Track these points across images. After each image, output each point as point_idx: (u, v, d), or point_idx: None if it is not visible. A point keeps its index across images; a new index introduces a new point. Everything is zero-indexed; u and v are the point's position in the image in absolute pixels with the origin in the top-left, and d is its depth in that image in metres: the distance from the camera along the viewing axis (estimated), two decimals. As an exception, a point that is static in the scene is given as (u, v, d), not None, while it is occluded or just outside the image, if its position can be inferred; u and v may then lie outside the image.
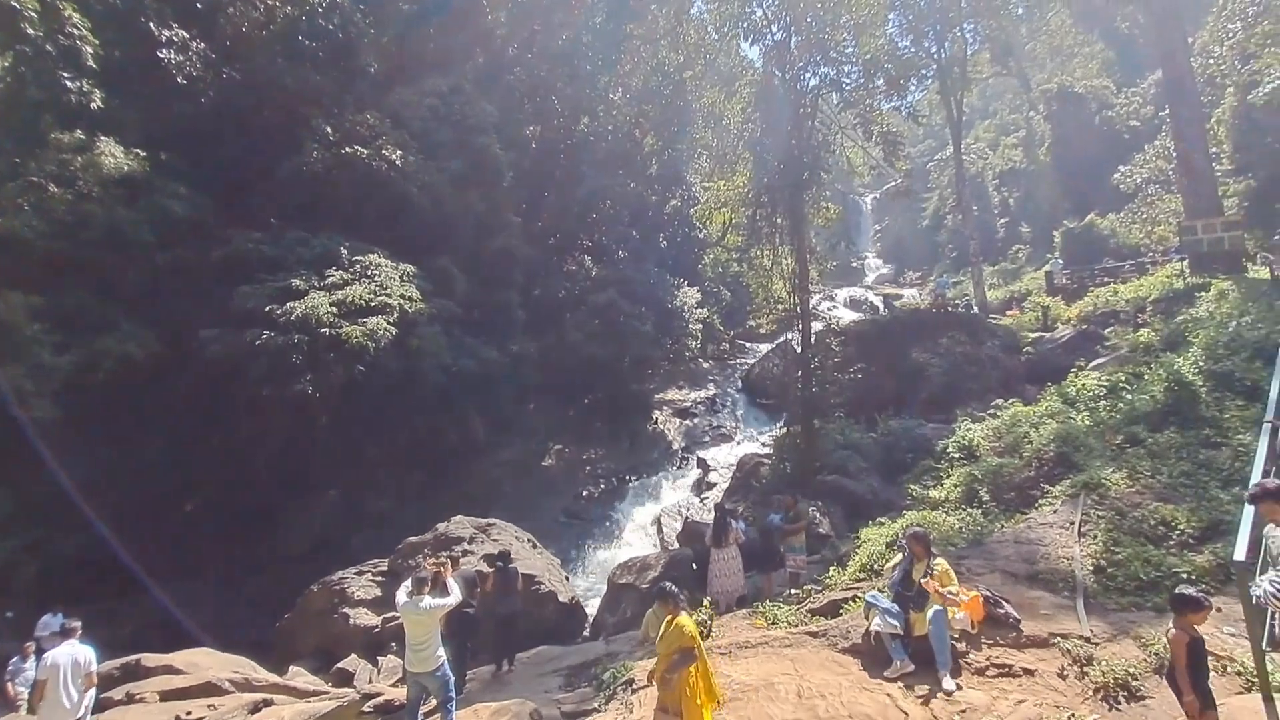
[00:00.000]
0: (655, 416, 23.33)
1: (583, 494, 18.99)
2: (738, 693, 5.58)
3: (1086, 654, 5.31)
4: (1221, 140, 24.52)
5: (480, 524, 12.53)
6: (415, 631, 6.06)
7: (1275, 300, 12.14)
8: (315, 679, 10.56)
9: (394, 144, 19.69)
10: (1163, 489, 7.36)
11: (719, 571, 9.31)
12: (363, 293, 16.74)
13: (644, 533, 16.30)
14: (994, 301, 28.31)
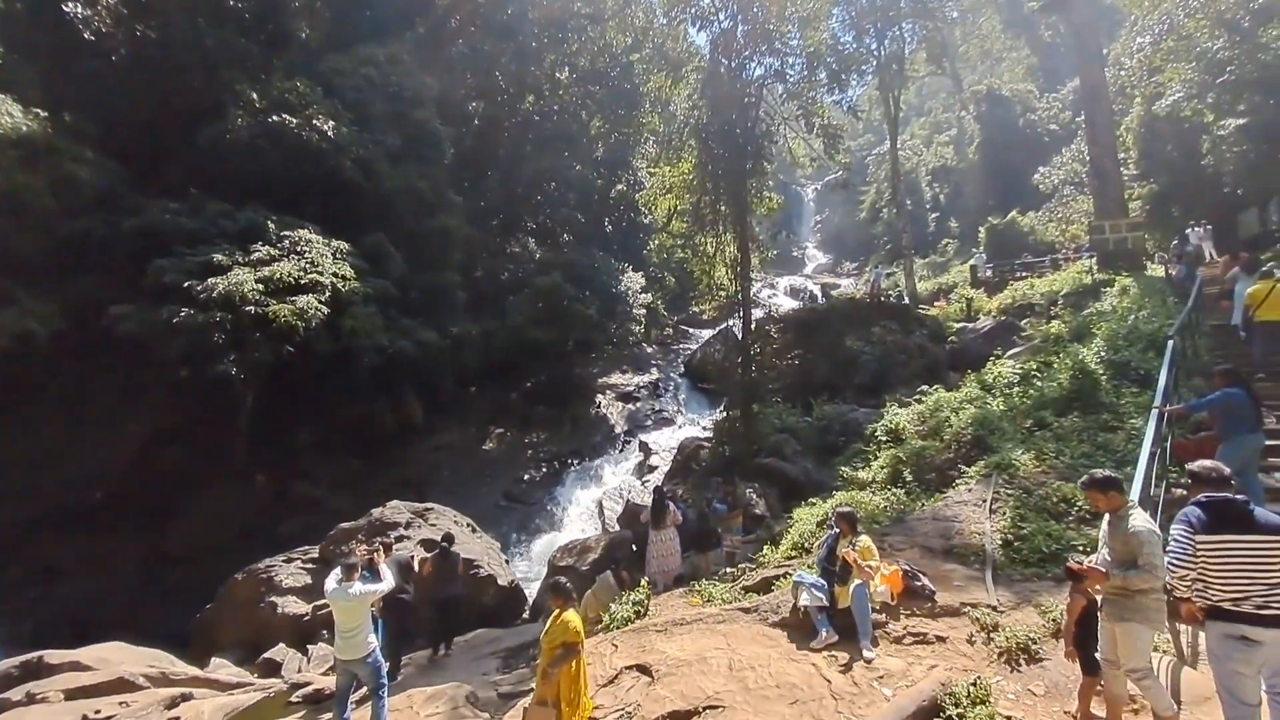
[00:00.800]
0: (598, 400, 23.37)
1: (524, 478, 18.88)
2: (672, 668, 5.74)
3: (993, 621, 5.70)
4: (1129, 147, 26.33)
5: (417, 509, 12.30)
6: (345, 618, 5.94)
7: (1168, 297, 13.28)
8: (240, 670, 10.17)
9: (326, 114, 18.75)
10: (1065, 469, 7.96)
11: (657, 552, 9.50)
12: (292, 270, 15.97)
13: (586, 516, 16.39)
14: (924, 293, 29.66)
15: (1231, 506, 3.44)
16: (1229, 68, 20.58)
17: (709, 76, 20.49)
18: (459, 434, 20.58)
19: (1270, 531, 3.32)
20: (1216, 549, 3.38)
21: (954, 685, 4.76)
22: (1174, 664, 4.70)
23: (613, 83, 30.59)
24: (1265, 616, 3.26)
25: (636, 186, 30.97)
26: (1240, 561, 3.33)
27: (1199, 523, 3.47)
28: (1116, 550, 3.95)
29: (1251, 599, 3.29)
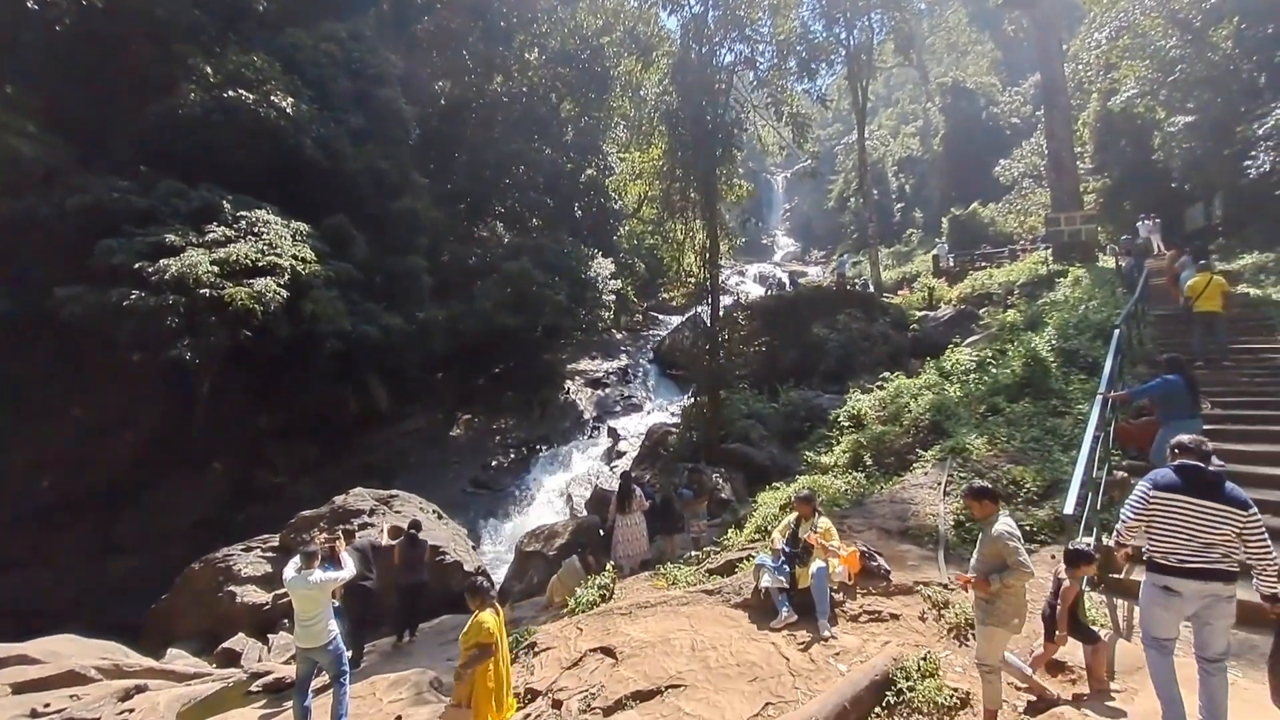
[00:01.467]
0: (567, 386, 23.32)
1: (492, 464, 18.79)
2: (636, 649, 5.84)
3: (944, 599, 5.92)
4: (1085, 141, 27.14)
5: (381, 496, 12.16)
6: (304, 606, 5.89)
7: (1117, 287, 13.83)
8: (198, 661, 9.98)
9: (285, 91, 18.10)
10: (1015, 452, 8.29)
11: (623, 537, 9.60)
12: (249, 251, 15.47)
13: (554, 501, 16.41)
14: (888, 281, 30.23)
15: (1201, 474, 3.72)
16: (1180, 66, 21.30)
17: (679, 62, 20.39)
18: (426, 420, 20.34)
19: (1229, 503, 3.58)
20: (1168, 505, 3.71)
21: (905, 660, 4.95)
22: (1110, 636, 4.96)
23: (583, 65, 30.15)
24: (1187, 569, 3.62)
25: (607, 172, 30.73)
26: (1184, 521, 3.65)
27: (1163, 481, 3.79)
28: (985, 557, 4.16)
29: (1180, 554, 3.64)
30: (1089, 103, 27.39)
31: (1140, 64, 22.76)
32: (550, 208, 28.47)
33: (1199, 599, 3.62)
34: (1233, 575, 3.61)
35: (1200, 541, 3.59)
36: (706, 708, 4.90)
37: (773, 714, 4.76)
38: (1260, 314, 11.84)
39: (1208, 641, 3.67)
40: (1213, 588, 3.59)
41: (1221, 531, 3.57)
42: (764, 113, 23.01)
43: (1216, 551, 3.59)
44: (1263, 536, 3.54)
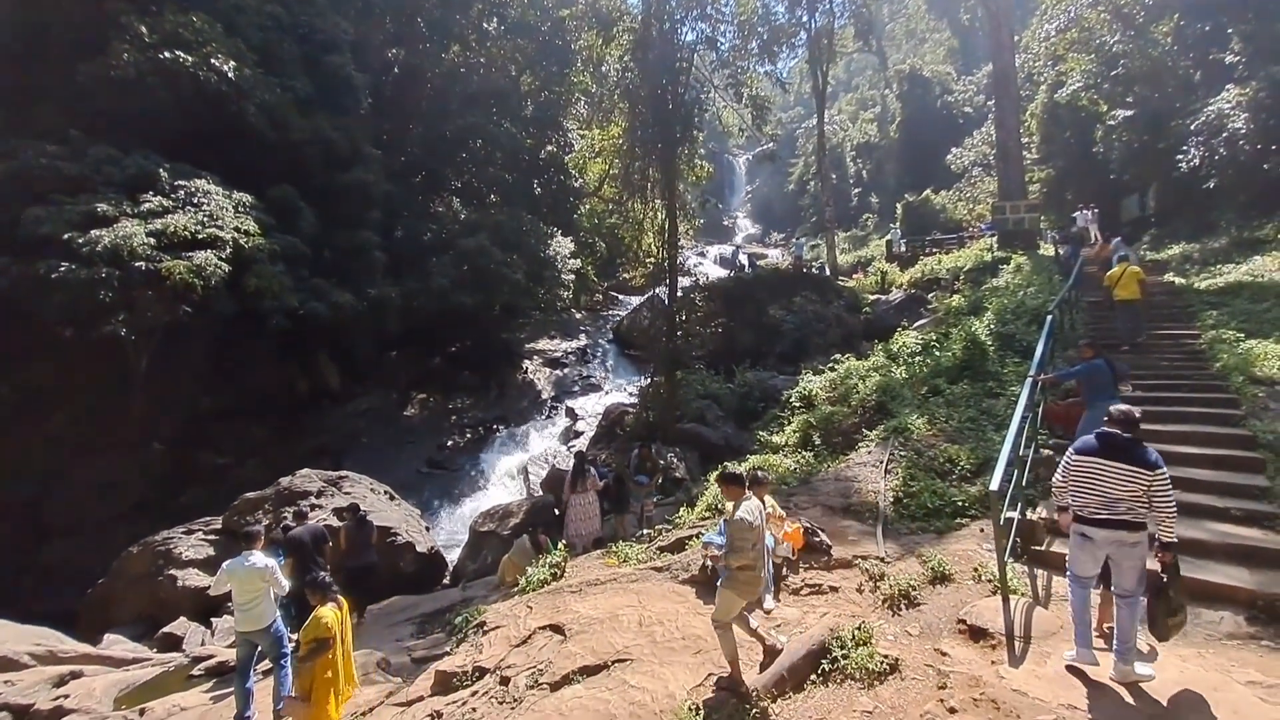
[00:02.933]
0: (525, 366, 23.15)
1: (447, 444, 18.58)
2: (584, 626, 5.93)
3: (880, 571, 6.18)
4: (1033, 132, 28.05)
5: (330, 477, 11.93)
6: (243, 588, 5.83)
7: (1054, 275, 14.45)
8: (137, 646, 9.68)
9: (226, 54, 17.16)
10: (952, 432, 8.65)
11: (576, 515, 9.68)
12: (188, 223, 14.76)
13: (510, 481, 16.38)
14: (844, 265, 30.84)
15: (1115, 439, 4.31)
16: (1122, 61, 22.18)
17: (641, 39, 20.14)
18: (379, 400, 19.94)
19: (1138, 464, 4.15)
20: (1085, 467, 4.34)
21: (841, 630, 5.17)
22: (1029, 604, 5.28)
23: (544, 38, 29.46)
24: (1097, 520, 4.26)
25: (567, 148, 30.26)
26: (1097, 480, 4.27)
27: (1085, 446, 4.42)
28: (729, 535, 4.66)
29: (1092, 507, 4.28)
30: (1037, 94, 28.27)
31: (1085, 58, 23.59)
32: (509, 184, 27.91)
33: (1108, 544, 4.24)
34: (1137, 525, 4.18)
35: (1109, 497, 4.20)
36: (651, 680, 5.03)
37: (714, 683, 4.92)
38: (1182, 301, 12.59)
39: (1120, 580, 4.30)
40: (1119, 535, 4.19)
41: (1129, 489, 4.14)
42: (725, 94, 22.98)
43: (1123, 505, 4.17)
44: (1168, 494, 4.10)
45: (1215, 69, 19.25)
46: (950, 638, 5.03)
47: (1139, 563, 4.24)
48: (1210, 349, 9.87)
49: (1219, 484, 6.46)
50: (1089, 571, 4.44)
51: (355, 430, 18.70)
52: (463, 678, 5.73)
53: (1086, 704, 4.03)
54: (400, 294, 20.41)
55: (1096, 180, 24.32)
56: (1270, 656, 4.67)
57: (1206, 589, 5.30)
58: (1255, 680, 4.32)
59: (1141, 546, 4.23)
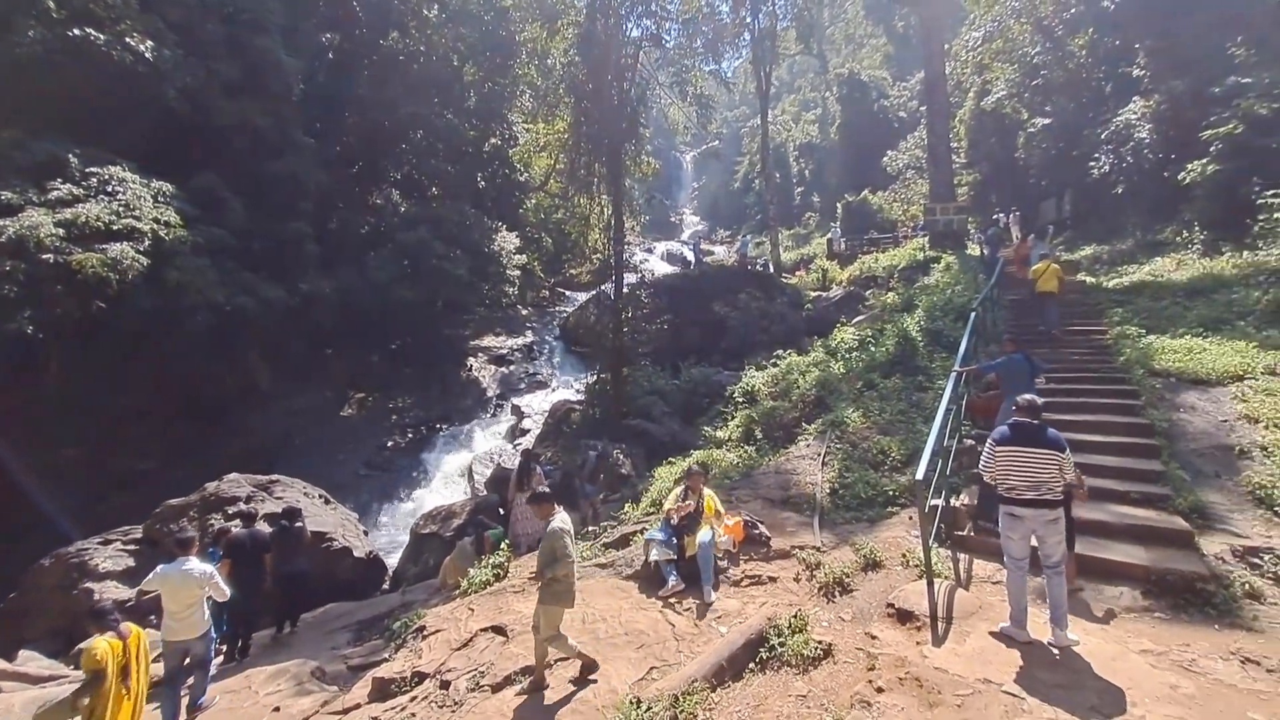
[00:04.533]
0: (469, 363, 22.70)
1: (387, 444, 18.03)
2: (527, 626, 5.88)
3: (816, 561, 6.40)
4: (961, 137, 29.41)
5: (260, 481, 11.39)
6: (178, 596, 5.69)
7: (979, 274, 15.24)
8: (53, 663, 9.03)
9: (143, 32, 16.06)
10: (885, 425, 9.02)
11: (521, 515, 9.55)
12: (101, 213, 13.82)
13: (454, 481, 16.05)
14: (788, 262, 31.57)
15: (1026, 428, 4.84)
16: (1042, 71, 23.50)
17: (586, 33, 20.00)
18: (313, 399, 19.15)
19: (1044, 446, 4.69)
20: (1007, 455, 4.79)
21: (778, 618, 5.33)
22: (951, 586, 5.58)
23: (487, 27, 28.84)
24: (1023, 500, 4.71)
25: (512, 142, 29.75)
26: (1018, 464, 4.73)
27: (1001, 436, 4.89)
28: (544, 550, 4.91)
29: (1019, 489, 4.72)
30: (965, 101, 29.64)
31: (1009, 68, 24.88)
32: (451, 176, 27.24)
33: (1034, 521, 4.70)
34: (1056, 503, 4.67)
35: (1030, 479, 4.68)
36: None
37: (656, 677, 4.99)
38: (1092, 299, 13.49)
39: (1047, 554, 4.75)
40: (1042, 513, 4.67)
41: (1045, 469, 4.65)
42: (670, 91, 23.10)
43: (1043, 485, 4.66)
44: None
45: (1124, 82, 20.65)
46: (880, 621, 5.26)
47: (1061, 536, 4.75)
48: (1116, 344, 10.63)
49: (1120, 469, 6.97)
50: (1022, 552, 4.82)
51: (288, 431, 17.91)
52: (402, 683, 5.62)
53: (1001, 677, 4.30)
54: (335, 289, 19.65)
55: (1018, 184, 25.74)
56: (1161, 627, 5.10)
57: (1108, 567, 5.73)
58: (1148, 649, 4.71)
59: (1060, 521, 4.72)
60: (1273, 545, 5.76)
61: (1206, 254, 14.42)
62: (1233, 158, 14.14)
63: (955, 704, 4.02)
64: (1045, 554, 4.76)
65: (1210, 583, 5.35)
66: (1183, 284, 13.06)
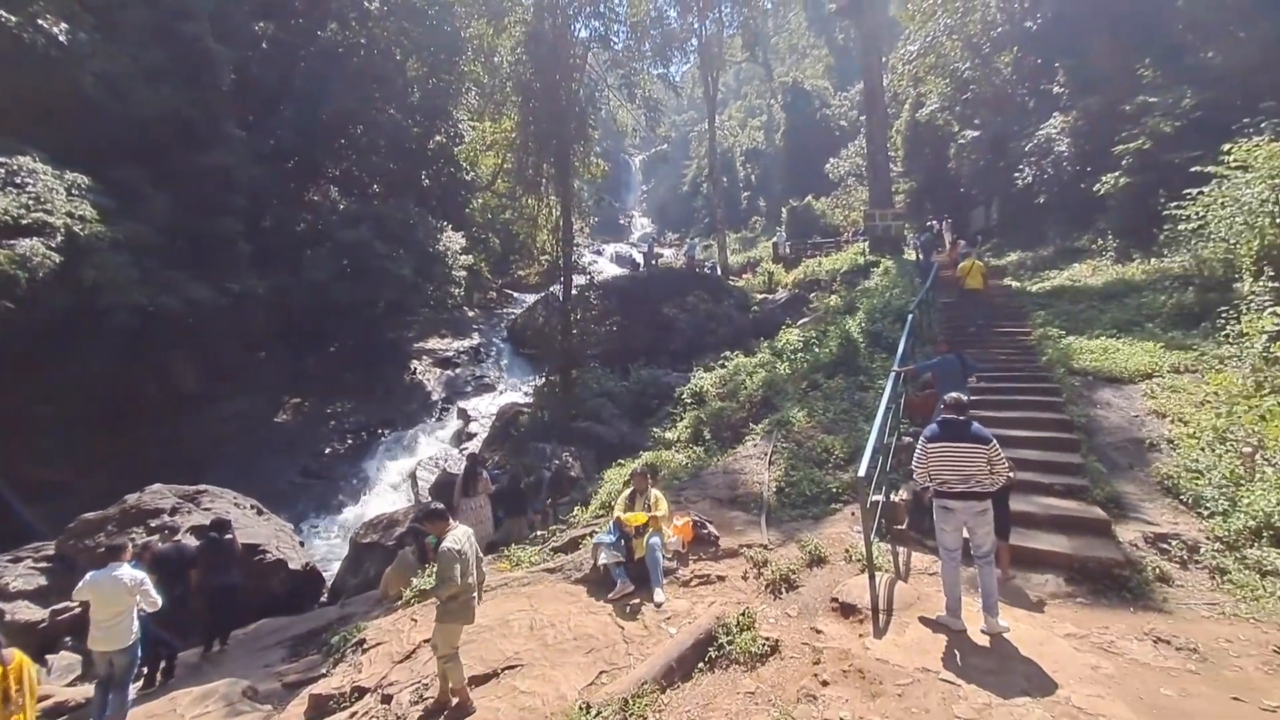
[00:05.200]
0: (413, 366, 22.09)
1: (325, 451, 17.32)
2: (472, 634, 5.74)
3: (763, 558, 6.49)
4: (898, 146, 30.58)
5: (186, 492, 10.76)
6: (107, 603, 5.47)
7: (915, 278, 15.87)
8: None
9: (58, 14, 14.94)
10: (829, 424, 9.26)
11: (467, 520, 9.32)
12: (8, 206, 12.83)
13: (396, 488, 15.57)
14: (734, 265, 32.07)
15: (954, 424, 5.05)
16: (971, 86, 24.66)
17: (534, 32, 19.83)
18: (245, 405, 18.21)
19: (971, 441, 4.92)
20: (938, 450, 5.00)
21: (727, 617, 5.39)
22: (891, 579, 5.76)
23: (431, 22, 28.12)
24: (955, 493, 4.90)
25: (457, 140, 29.12)
26: (948, 459, 4.94)
27: (932, 434, 5.10)
28: (438, 568, 4.78)
29: (949, 482, 4.92)
30: (902, 112, 30.85)
31: (941, 81, 26.02)
32: (394, 174, 26.44)
33: (964, 513, 4.89)
34: (985, 495, 4.86)
35: (961, 473, 4.89)
36: (542, 683, 4.98)
37: (606, 681, 4.95)
38: (1018, 302, 14.25)
39: (978, 543, 4.94)
40: (971, 505, 4.86)
41: (974, 463, 4.87)
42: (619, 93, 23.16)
43: (973, 478, 4.86)
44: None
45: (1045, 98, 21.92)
46: (824, 616, 5.37)
47: (989, 527, 4.95)
48: (1039, 345, 11.26)
49: (1044, 462, 7.38)
50: (955, 543, 5.02)
51: (217, 439, 16.97)
52: (340, 699, 5.40)
53: (938, 665, 4.46)
54: (269, 289, 18.77)
55: (951, 193, 26.96)
56: (1083, 611, 5.41)
57: (1035, 555, 6.05)
58: (1072, 633, 4.98)
59: (989, 513, 4.92)
60: (1179, 532, 6.21)
61: (1119, 260, 15.44)
62: (1141, 171, 15.20)
63: (896, 694, 4.14)
64: (975, 544, 4.96)
65: (1126, 568, 5.72)
66: (1098, 289, 13.96)
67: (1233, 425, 7.25)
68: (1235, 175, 10.27)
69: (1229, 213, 10.24)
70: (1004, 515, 5.88)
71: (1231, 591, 5.50)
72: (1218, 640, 4.84)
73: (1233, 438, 7.09)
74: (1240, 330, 8.46)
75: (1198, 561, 5.88)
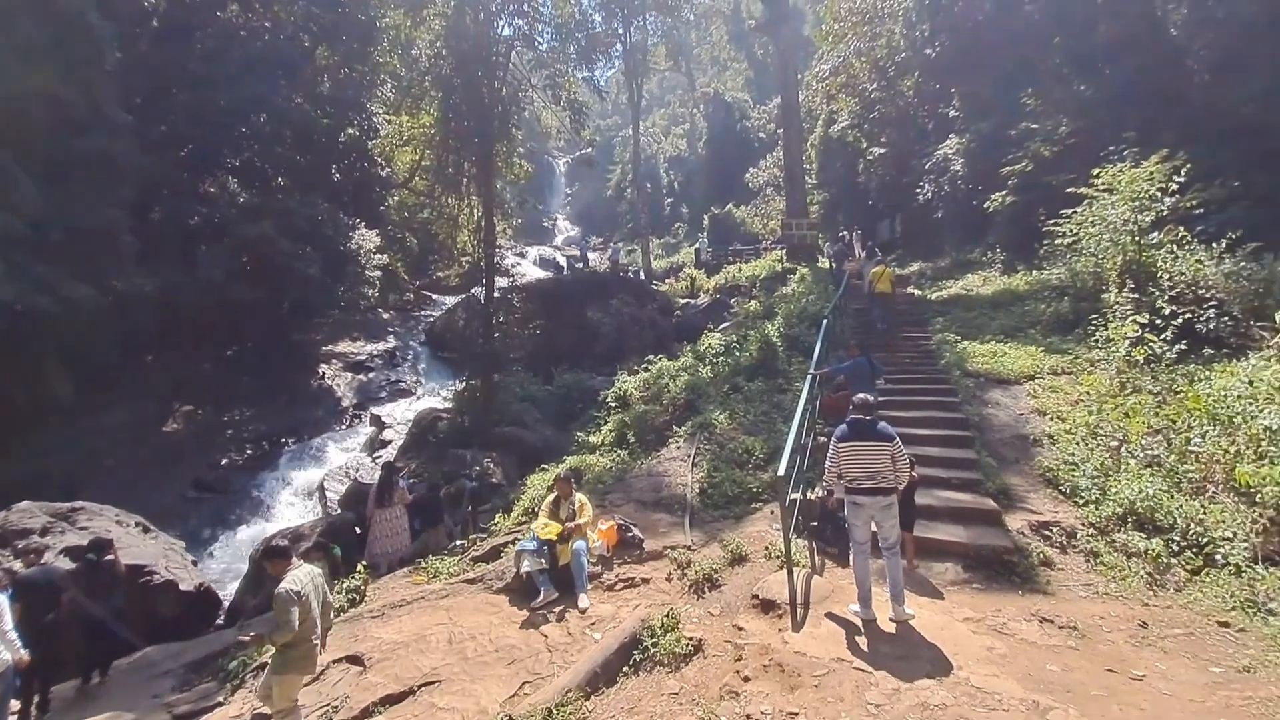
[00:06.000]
0: (322, 371, 20.87)
1: (221, 462, 16.04)
2: (387, 652, 5.51)
3: (687, 559, 6.60)
4: (812, 160, 32.01)
5: (59, 510, 9.67)
6: None
7: (829, 285, 16.65)
8: None
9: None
10: (749, 425, 9.54)
11: (382, 533, 8.95)
12: None
13: (303, 501, 14.64)
14: (658, 270, 32.49)
15: (862, 424, 5.33)
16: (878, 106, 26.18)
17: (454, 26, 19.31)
18: (129, 413, 16.56)
19: (876, 439, 5.21)
20: (849, 450, 5.26)
21: (651, 619, 5.42)
22: (808, 574, 5.99)
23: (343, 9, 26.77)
24: (863, 489, 5.16)
25: (372, 133, 27.80)
26: (857, 457, 5.21)
27: (842, 434, 5.36)
28: (274, 612, 4.30)
29: (859, 479, 5.18)
30: (816, 127, 32.33)
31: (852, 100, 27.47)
32: (301, 166, 24.89)
33: (872, 508, 5.17)
34: (890, 490, 5.17)
35: (869, 470, 5.17)
36: (462, 699, 4.83)
37: (529, 692, 4.86)
38: (920, 310, 15.25)
39: (885, 536, 5.24)
40: (878, 499, 5.15)
41: (880, 459, 5.16)
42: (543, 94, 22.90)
43: (879, 474, 5.15)
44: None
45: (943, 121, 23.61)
46: (746, 613, 5.52)
47: (895, 521, 5.25)
48: (938, 349, 12.09)
49: (943, 458, 7.91)
50: (865, 537, 5.30)
51: (96, 450, 15.34)
52: (238, 730, 5.01)
53: (851, 654, 4.68)
54: (158, 287, 17.17)
55: (860, 205, 28.50)
56: (979, 596, 5.84)
57: (936, 545, 6.46)
58: (969, 617, 5.36)
59: (894, 507, 5.23)
60: (1059, 519, 6.82)
61: (1006, 272, 16.83)
62: (1024, 191, 16.67)
63: (813, 685, 4.31)
64: (883, 537, 5.25)
65: (1015, 555, 6.22)
66: (988, 297, 15.16)
67: (1102, 421, 8.05)
68: (1103, 197, 11.48)
69: (1097, 230, 11.43)
70: (910, 509, 6.26)
71: (1103, 572, 6.10)
72: (1093, 618, 5.35)
73: (1102, 433, 7.87)
74: (1107, 336, 9.41)
75: (1075, 546, 6.47)
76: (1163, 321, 8.70)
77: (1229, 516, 6.09)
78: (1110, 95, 16.48)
